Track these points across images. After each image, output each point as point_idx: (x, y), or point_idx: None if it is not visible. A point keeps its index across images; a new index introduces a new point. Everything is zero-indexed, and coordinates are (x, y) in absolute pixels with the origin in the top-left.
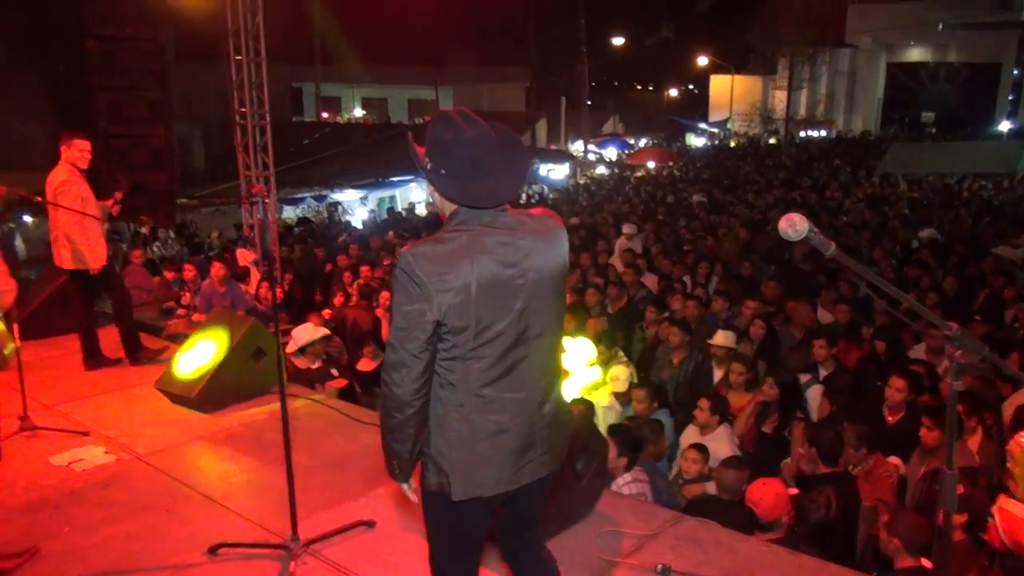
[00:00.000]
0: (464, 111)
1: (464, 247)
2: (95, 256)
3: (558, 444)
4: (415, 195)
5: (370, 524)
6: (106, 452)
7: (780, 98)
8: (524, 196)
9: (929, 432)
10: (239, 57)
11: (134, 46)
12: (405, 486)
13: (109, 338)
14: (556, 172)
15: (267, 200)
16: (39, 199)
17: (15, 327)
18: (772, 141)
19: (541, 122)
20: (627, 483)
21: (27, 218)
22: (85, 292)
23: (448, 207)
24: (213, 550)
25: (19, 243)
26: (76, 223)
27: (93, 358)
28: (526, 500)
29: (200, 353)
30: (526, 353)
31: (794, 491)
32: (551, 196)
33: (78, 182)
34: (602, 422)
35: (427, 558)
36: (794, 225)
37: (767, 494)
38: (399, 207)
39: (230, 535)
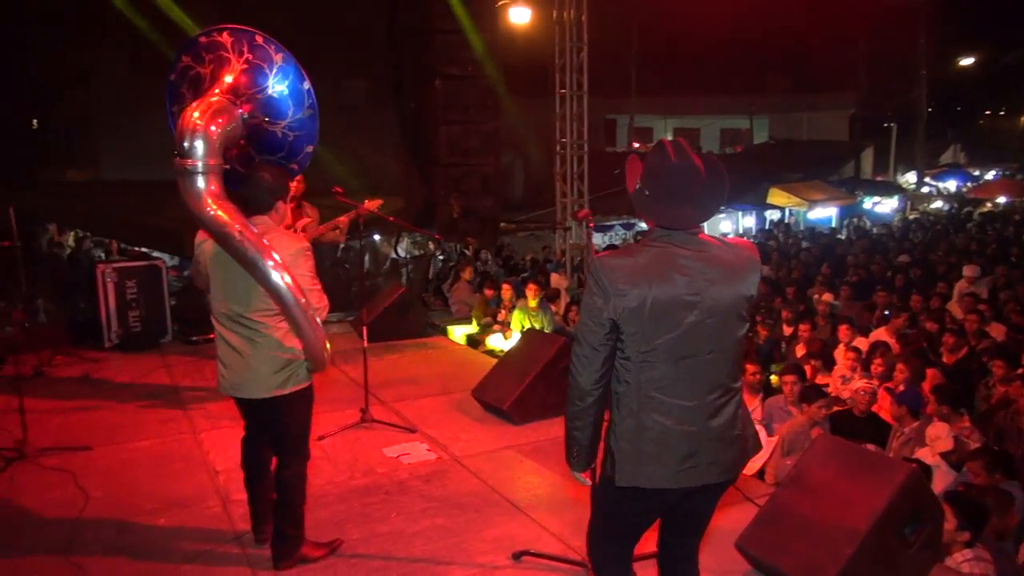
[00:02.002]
0: (680, 142)
1: (648, 263)
2: None
3: (728, 459)
4: (723, 225)
5: None
6: (428, 450)
7: None
8: (844, 228)
9: None
10: (563, 91)
11: (473, 83)
12: (579, 475)
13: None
14: (883, 205)
15: (591, 225)
16: (392, 219)
17: (364, 330)
18: None
19: (867, 151)
20: (967, 560)
21: (376, 236)
22: None
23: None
24: (517, 556)
25: (367, 258)
26: None
27: None
28: (694, 506)
29: (513, 368)
30: (697, 366)
31: None
32: (874, 230)
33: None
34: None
35: None
36: None
37: None
38: None
39: (533, 544)
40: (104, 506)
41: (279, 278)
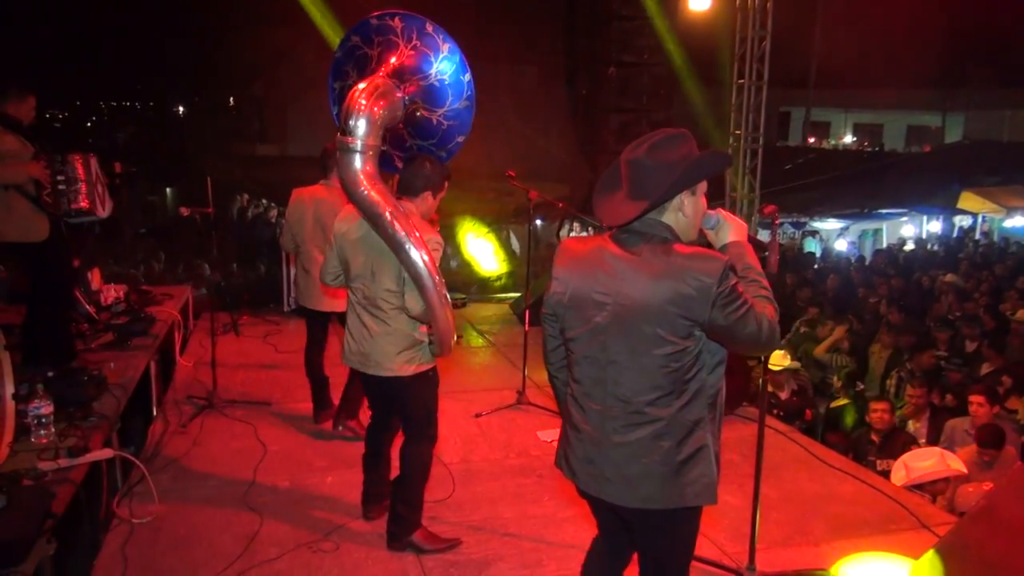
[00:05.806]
0: (681, 132)
1: (584, 254)
2: None
3: (632, 485)
4: (905, 230)
5: None
6: None
7: None
8: None
9: None
10: (741, 80)
11: (647, 71)
12: None
13: None
14: None
15: (777, 221)
16: (561, 204)
17: (526, 314)
18: None
19: None
20: None
21: (538, 221)
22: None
23: None
24: None
25: (514, 240)
26: None
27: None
28: (632, 526)
29: None
30: (602, 371)
31: None
32: None
33: None
34: None
35: None
36: None
37: None
38: (884, 241)
39: None
40: (280, 459)
41: (419, 258)
